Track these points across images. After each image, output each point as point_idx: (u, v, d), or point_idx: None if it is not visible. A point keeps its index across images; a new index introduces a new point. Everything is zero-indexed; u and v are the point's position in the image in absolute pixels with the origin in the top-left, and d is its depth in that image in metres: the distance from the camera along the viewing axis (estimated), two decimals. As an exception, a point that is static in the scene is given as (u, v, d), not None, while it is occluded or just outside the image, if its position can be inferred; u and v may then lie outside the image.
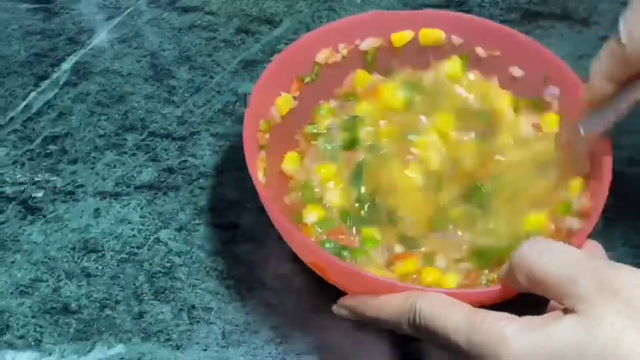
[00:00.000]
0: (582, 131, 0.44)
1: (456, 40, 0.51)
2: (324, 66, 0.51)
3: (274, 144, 0.48)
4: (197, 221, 0.51)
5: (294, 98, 0.50)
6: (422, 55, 0.52)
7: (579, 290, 0.32)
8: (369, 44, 0.51)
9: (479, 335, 0.34)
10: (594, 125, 0.43)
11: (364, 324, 0.42)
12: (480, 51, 0.51)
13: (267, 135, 0.48)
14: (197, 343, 0.45)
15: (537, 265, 0.34)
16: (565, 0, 0.66)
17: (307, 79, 0.51)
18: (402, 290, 0.38)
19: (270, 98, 0.49)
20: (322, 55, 0.51)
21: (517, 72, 0.51)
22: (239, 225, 0.51)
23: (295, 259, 0.48)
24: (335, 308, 0.43)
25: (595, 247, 0.40)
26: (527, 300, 0.37)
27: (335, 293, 0.45)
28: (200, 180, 0.53)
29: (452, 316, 0.36)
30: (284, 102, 0.49)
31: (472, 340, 0.34)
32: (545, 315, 0.34)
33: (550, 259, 0.34)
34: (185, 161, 0.54)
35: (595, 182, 0.44)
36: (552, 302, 0.36)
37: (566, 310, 0.33)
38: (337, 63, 0.51)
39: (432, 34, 0.51)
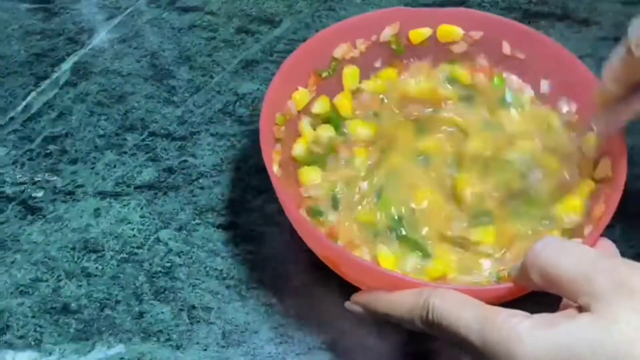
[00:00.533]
0: (594, 128, 0.45)
1: (475, 35, 0.51)
2: (341, 61, 0.51)
3: (289, 138, 0.49)
4: (197, 221, 0.51)
5: (311, 93, 0.50)
6: (439, 53, 0.52)
7: (595, 289, 0.32)
8: (388, 32, 0.51)
9: (492, 332, 0.34)
10: (606, 123, 0.45)
11: (376, 320, 0.42)
12: (506, 48, 0.51)
13: (283, 129, 0.48)
14: (197, 343, 0.45)
15: (553, 264, 0.34)
16: (565, 0, 0.66)
17: (325, 74, 0.51)
18: (415, 286, 0.38)
19: (288, 92, 0.49)
20: (339, 51, 0.51)
21: (545, 85, 0.51)
22: (239, 225, 0.51)
23: (296, 258, 0.48)
24: (347, 304, 0.43)
25: (608, 246, 0.40)
26: (537, 299, 0.37)
27: (336, 293, 0.45)
28: (200, 180, 0.53)
29: (465, 313, 0.35)
30: (302, 97, 0.49)
31: (485, 337, 0.34)
32: (559, 313, 0.34)
33: (565, 257, 0.34)
34: (185, 161, 0.54)
35: (609, 186, 0.44)
36: (565, 301, 0.36)
37: (580, 309, 0.33)
38: (355, 59, 0.51)
39: (450, 31, 0.51)
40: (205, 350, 0.45)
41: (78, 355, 0.45)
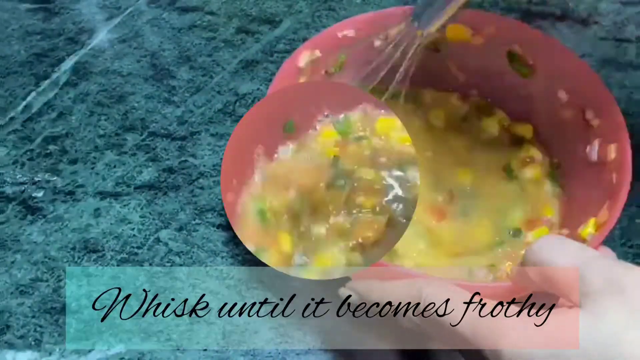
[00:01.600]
0: (417, 27, 0.44)
1: (487, 33, 0.51)
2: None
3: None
4: (197, 221, 0.51)
5: None
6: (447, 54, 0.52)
7: (586, 286, 0.32)
8: (395, 30, 0.51)
9: (481, 325, 0.34)
10: (427, 22, 0.44)
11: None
12: (517, 49, 0.50)
13: None
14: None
15: (550, 262, 0.34)
16: (565, 0, 0.66)
17: (332, 70, 0.50)
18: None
19: None
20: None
21: (563, 95, 0.49)
22: (239, 225, 0.51)
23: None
24: (342, 290, 0.42)
25: (607, 253, 0.40)
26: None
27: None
28: (200, 180, 0.53)
29: (457, 305, 0.35)
30: None
31: (475, 330, 0.34)
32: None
33: (562, 255, 0.34)
34: (185, 161, 0.54)
35: (614, 194, 0.43)
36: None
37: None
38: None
39: (459, 30, 0.51)
40: (205, 350, 0.45)
41: (78, 355, 0.45)
